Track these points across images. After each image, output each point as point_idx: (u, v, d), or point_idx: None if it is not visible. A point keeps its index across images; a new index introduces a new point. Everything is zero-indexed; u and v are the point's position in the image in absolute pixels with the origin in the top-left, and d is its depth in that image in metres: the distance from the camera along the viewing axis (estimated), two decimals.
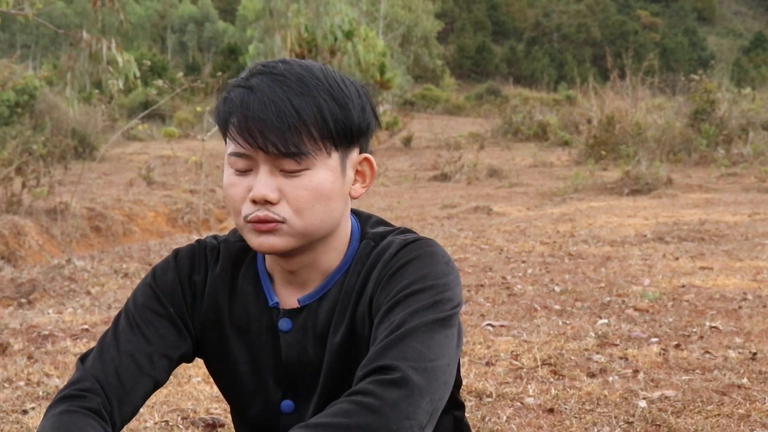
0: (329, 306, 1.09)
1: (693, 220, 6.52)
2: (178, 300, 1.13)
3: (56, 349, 3.13)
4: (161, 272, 1.15)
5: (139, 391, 1.07)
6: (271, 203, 1.01)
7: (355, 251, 1.11)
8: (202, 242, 1.18)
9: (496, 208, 8.40)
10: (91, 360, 1.08)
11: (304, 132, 1.00)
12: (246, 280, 1.14)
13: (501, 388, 2.50)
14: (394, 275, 1.04)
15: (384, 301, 1.02)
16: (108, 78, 6.78)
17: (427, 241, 1.08)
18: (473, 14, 70.30)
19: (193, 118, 19.87)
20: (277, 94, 0.99)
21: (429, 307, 0.99)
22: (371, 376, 0.94)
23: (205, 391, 2.61)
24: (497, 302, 3.80)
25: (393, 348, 0.95)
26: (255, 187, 1.01)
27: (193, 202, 8.72)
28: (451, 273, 1.05)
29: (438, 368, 0.95)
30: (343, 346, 1.07)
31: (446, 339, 0.99)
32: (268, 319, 1.12)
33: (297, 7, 22.89)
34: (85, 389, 1.04)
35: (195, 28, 58.80)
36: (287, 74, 1.01)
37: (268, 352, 1.12)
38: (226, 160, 1.05)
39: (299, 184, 1.01)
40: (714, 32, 79.95)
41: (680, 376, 2.59)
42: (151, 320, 1.10)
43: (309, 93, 1.00)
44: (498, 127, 20.12)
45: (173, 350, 1.11)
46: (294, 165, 1.00)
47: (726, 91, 14.18)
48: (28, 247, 6.10)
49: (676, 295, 3.82)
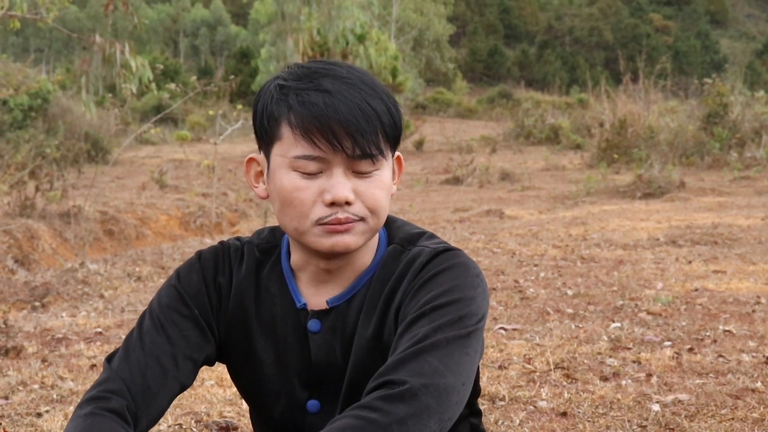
0: (357, 308, 1.10)
1: (706, 224, 6.48)
2: (203, 301, 1.13)
3: (70, 352, 3.15)
4: (185, 273, 1.15)
5: (165, 393, 1.08)
6: (348, 204, 1.02)
7: (383, 253, 1.11)
8: (225, 244, 1.18)
9: (508, 211, 8.38)
10: (117, 360, 1.09)
11: (380, 133, 1.03)
12: (271, 280, 1.15)
13: (514, 392, 2.49)
14: (424, 286, 1.04)
15: (411, 311, 1.03)
16: (122, 82, 6.84)
17: (457, 252, 1.09)
18: (485, 18, 70.24)
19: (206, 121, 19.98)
20: (357, 97, 1.01)
21: (454, 322, 0.99)
22: (382, 388, 0.94)
23: (219, 394, 2.62)
24: (510, 306, 3.80)
25: (410, 362, 0.95)
26: (334, 189, 1.01)
27: (206, 205, 8.76)
28: (480, 285, 1.05)
29: (452, 388, 0.95)
30: (367, 349, 1.08)
31: (466, 357, 0.99)
32: (295, 320, 1.12)
33: (309, 11, 22.98)
34: (111, 390, 1.05)
35: (207, 32, 59.13)
36: (351, 77, 1.03)
37: (294, 352, 1.12)
38: (283, 162, 1.03)
39: (372, 184, 1.04)
40: (727, 35, 79.44)
41: (694, 379, 2.58)
42: (175, 321, 1.11)
43: (378, 96, 1.03)
44: (510, 131, 20.08)
45: (197, 352, 1.11)
46: (369, 166, 1.03)
47: (739, 94, 14.10)
48: (41, 250, 6.15)
49: (689, 299, 3.79)
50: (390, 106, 1.04)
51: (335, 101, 0.99)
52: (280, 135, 1.03)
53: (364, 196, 1.03)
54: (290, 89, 1.02)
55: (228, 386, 2.70)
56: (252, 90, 27.93)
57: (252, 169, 1.12)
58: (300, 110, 1.00)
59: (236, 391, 2.67)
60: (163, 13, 58.73)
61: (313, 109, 1.00)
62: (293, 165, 1.02)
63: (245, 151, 17.70)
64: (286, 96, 1.02)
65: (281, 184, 1.03)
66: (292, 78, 1.04)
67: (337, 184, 1.01)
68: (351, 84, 1.02)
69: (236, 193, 10.08)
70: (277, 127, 1.03)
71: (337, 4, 22.97)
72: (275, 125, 1.04)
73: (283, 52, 23.95)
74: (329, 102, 0.99)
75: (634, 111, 14.03)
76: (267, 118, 1.05)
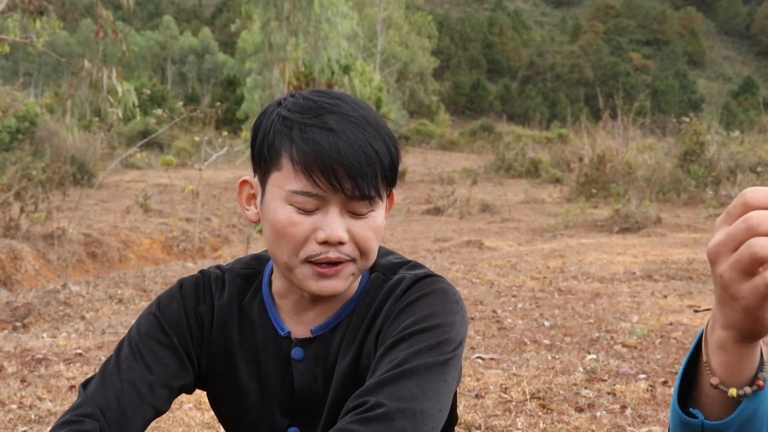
0: (340, 337, 1.11)
1: (681, 259, 6.59)
2: (183, 331, 1.12)
3: (49, 372, 3.15)
4: (166, 302, 1.15)
5: (139, 419, 1.07)
6: (341, 244, 1.02)
7: (366, 283, 1.13)
8: (206, 272, 1.18)
9: (487, 242, 8.46)
10: (93, 386, 1.08)
11: (380, 176, 1.03)
12: (252, 308, 1.15)
13: (490, 421, 2.52)
14: (404, 310, 1.05)
15: (390, 335, 1.03)
16: (107, 106, 6.88)
17: (438, 278, 1.09)
18: (469, 52, 71.27)
19: (191, 147, 19.95)
20: (361, 139, 1.01)
21: (432, 348, 1.00)
22: (358, 410, 0.94)
23: (197, 417, 2.63)
24: (487, 335, 3.84)
25: (388, 385, 0.95)
26: (329, 228, 1.01)
27: (189, 230, 8.75)
28: (459, 312, 1.06)
29: (428, 414, 0.95)
30: (347, 376, 1.09)
31: (444, 384, 0.99)
32: (277, 348, 1.13)
33: (295, 41, 23.19)
34: (84, 414, 1.04)
35: (195, 60, 59.35)
36: (356, 115, 1.03)
37: (277, 380, 1.13)
38: (279, 194, 1.03)
39: (366, 226, 1.04)
40: (704, 76, 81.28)
41: (667, 412, 2.62)
42: (154, 349, 1.10)
43: (380, 137, 1.03)
44: (491, 163, 20.28)
45: (175, 380, 1.11)
46: (366, 207, 1.03)
47: (715, 133, 14.41)
48: (24, 271, 6.11)
49: (664, 333, 3.86)
50: (391, 147, 1.04)
51: (339, 142, 0.99)
52: (279, 166, 1.02)
53: (357, 237, 1.03)
54: (294, 123, 1.02)
55: (206, 410, 2.71)
56: (237, 117, 27.99)
57: (245, 191, 1.11)
58: (303, 147, 1.00)
59: (214, 414, 2.68)
60: (151, 40, 58.93)
61: (316, 147, 0.99)
62: (290, 199, 1.02)
63: (229, 178, 17.69)
64: (289, 129, 1.02)
65: (275, 216, 1.03)
66: (296, 110, 1.03)
67: (333, 223, 1.01)
68: (355, 124, 1.01)
69: (219, 219, 10.09)
70: (277, 158, 1.03)
71: (323, 35, 23.23)
72: (275, 156, 1.03)
73: (269, 81, 24.09)
74: (333, 142, 0.99)
75: (613, 147, 14.27)
76: (267, 147, 1.04)
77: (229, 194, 14.23)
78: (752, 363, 0.69)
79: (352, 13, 25.92)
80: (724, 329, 0.67)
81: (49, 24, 6.84)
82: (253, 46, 27.16)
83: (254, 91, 25.63)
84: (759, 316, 0.63)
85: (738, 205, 0.63)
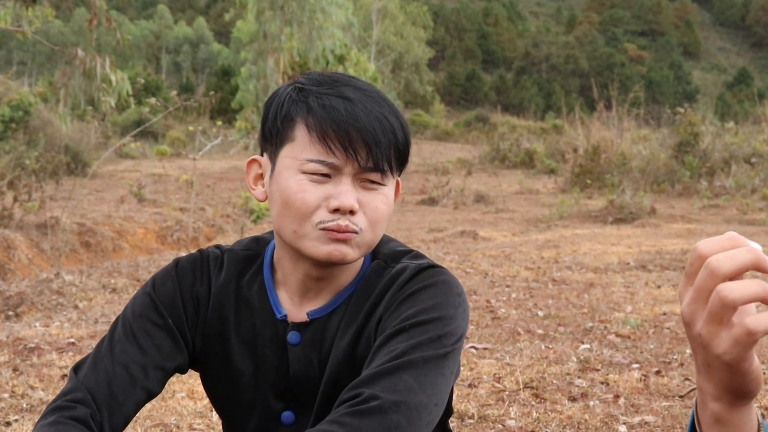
0: (337, 321, 1.10)
1: (675, 250, 6.62)
2: (178, 311, 1.11)
3: (42, 362, 3.14)
4: (161, 282, 1.13)
5: (131, 403, 1.05)
6: (352, 213, 1.02)
7: (367, 269, 1.11)
8: (204, 252, 1.17)
9: (482, 233, 8.47)
10: (84, 370, 1.06)
11: (393, 149, 1.03)
12: (251, 290, 1.13)
13: (483, 410, 2.53)
14: (405, 301, 1.04)
15: (390, 325, 1.01)
16: (101, 95, 6.84)
17: (441, 270, 1.08)
18: (464, 43, 71.13)
19: (186, 137, 19.90)
20: (376, 110, 1.01)
21: (432, 341, 0.98)
22: (352, 402, 0.93)
23: (189, 406, 2.63)
24: (481, 325, 3.85)
25: (385, 377, 0.94)
26: (342, 196, 1.00)
27: (183, 220, 8.73)
28: (461, 305, 1.04)
29: (423, 407, 0.94)
30: (343, 361, 1.08)
31: (441, 378, 0.98)
32: (273, 331, 1.12)
33: (290, 31, 23.11)
34: (75, 399, 1.03)
35: (190, 49, 59.05)
36: (371, 90, 1.03)
37: (272, 364, 1.12)
38: (292, 164, 1.02)
39: (377, 198, 1.03)
40: (699, 67, 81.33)
41: (660, 402, 2.63)
42: (148, 330, 1.08)
43: (394, 113, 1.03)
44: (486, 154, 20.30)
45: (169, 361, 1.09)
46: (378, 179, 1.03)
47: (710, 124, 14.45)
48: (17, 260, 6.09)
49: (658, 323, 3.88)
50: (403, 125, 1.04)
51: (356, 109, 0.99)
52: (293, 137, 1.02)
53: (368, 208, 1.02)
54: (310, 92, 1.02)
55: (199, 398, 2.71)
56: (232, 107, 27.91)
57: (252, 171, 1.10)
58: (320, 112, 1.00)
59: (207, 403, 2.68)
60: (146, 29, 58.59)
61: (333, 113, 0.99)
62: (303, 167, 1.01)
63: (224, 167, 17.64)
64: (306, 98, 1.01)
65: (286, 184, 1.02)
66: (311, 83, 1.03)
67: (345, 191, 1.00)
68: (370, 96, 1.02)
69: (214, 209, 10.06)
70: (291, 128, 1.02)
71: (318, 25, 23.15)
72: (290, 126, 1.02)
73: (264, 71, 24.00)
74: (350, 109, 0.99)
75: (608, 138, 14.29)
76: (281, 119, 1.03)
77: (223, 184, 14.20)
78: (751, 429, 0.67)
79: (347, 3, 25.81)
80: (716, 400, 0.65)
81: (42, 12, 6.79)
82: (248, 36, 27.03)
83: (249, 81, 25.53)
84: (744, 370, 0.62)
85: (693, 261, 0.63)
